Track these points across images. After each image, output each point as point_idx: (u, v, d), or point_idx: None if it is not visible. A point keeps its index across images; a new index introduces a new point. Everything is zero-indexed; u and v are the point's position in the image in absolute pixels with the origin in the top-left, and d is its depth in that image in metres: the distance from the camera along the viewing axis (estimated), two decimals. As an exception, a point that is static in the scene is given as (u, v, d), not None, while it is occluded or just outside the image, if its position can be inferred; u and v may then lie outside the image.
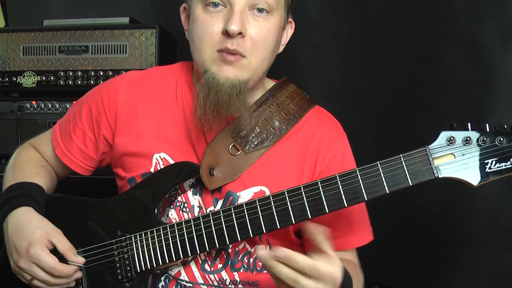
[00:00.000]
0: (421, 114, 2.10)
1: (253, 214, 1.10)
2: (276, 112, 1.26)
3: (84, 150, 1.33)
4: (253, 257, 1.25)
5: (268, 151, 1.24)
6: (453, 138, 1.04)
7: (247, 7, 1.14)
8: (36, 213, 1.23)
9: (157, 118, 1.28)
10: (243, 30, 1.11)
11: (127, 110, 1.29)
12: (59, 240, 1.19)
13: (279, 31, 1.20)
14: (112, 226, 1.23)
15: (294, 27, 1.31)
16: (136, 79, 1.34)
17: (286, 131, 1.25)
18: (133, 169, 1.27)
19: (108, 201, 1.27)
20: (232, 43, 1.12)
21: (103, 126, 1.31)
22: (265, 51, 1.17)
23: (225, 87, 1.12)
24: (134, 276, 1.19)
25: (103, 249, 1.22)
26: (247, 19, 1.13)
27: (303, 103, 1.31)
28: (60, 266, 1.17)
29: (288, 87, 1.32)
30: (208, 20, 1.14)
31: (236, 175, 1.21)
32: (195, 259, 1.24)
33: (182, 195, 1.25)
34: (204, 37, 1.15)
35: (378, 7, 2.14)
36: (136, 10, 2.40)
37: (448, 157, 1.04)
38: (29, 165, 1.36)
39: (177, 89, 1.30)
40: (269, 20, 1.16)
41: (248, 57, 1.14)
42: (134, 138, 1.27)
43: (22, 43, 2.03)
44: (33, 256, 1.15)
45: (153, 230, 1.18)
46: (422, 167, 1.04)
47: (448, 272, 2.06)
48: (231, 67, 1.13)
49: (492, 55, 1.97)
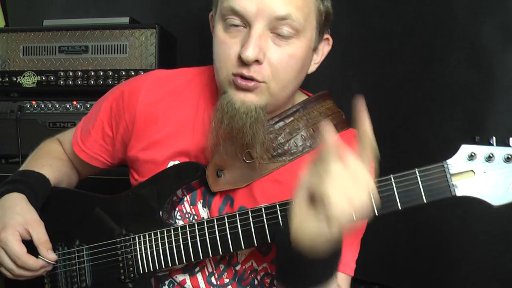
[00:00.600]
0: (421, 114, 2.10)
1: (259, 223, 1.07)
2: (304, 127, 1.16)
3: (103, 144, 1.31)
4: (260, 274, 1.22)
5: (285, 167, 1.15)
6: (474, 154, 0.94)
7: (268, 29, 1.02)
8: (26, 200, 1.20)
9: (177, 126, 1.21)
10: (260, 56, 1.01)
11: (147, 114, 1.23)
12: (37, 231, 1.16)
13: (306, 54, 1.08)
14: (117, 224, 1.22)
15: (332, 43, 1.19)
16: (160, 81, 1.26)
17: (310, 150, 1.16)
18: (147, 174, 1.23)
19: (114, 198, 1.25)
20: (248, 69, 1.02)
21: (121, 126, 1.27)
22: (287, 77, 1.06)
23: (239, 113, 1.04)
24: (137, 277, 1.18)
25: (107, 247, 1.21)
26: (266, 43, 1.02)
27: (336, 124, 1.18)
28: (25, 257, 1.13)
29: (324, 103, 1.21)
30: (227, 41, 1.05)
31: (245, 183, 1.15)
32: (202, 271, 1.21)
33: (191, 206, 1.22)
34: (222, 58, 1.06)
35: (378, 7, 2.14)
36: (136, 10, 2.40)
37: (468, 174, 0.95)
38: (46, 156, 1.34)
39: (200, 100, 1.23)
40: (293, 44, 1.04)
41: (267, 82, 1.05)
42: (151, 144, 1.23)
43: (22, 43, 2.03)
44: (2, 240, 1.12)
45: (157, 232, 1.16)
46: (439, 184, 0.95)
47: (448, 272, 2.06)
48: (248, 92, 1.05)
49: (492, 55, 1.97)
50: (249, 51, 0.99)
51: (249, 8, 1.00)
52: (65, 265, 1.24)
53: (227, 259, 1.21)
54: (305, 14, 1.03)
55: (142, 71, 1.94)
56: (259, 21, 1.00)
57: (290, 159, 1.15)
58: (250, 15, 1.00)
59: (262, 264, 1.21)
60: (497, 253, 1.97)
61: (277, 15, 1.00)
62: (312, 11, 1.06)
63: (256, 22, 1.00)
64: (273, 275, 1.23)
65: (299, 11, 1.02)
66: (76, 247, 1.24)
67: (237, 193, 1.17)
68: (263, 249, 1.20)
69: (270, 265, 1.21)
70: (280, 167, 1.16)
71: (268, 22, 1.01)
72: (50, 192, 1.28)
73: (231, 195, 1.18)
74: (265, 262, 1.21)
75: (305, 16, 1.03)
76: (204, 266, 1.22)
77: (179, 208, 1.23)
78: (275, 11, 1.00)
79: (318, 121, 1.18)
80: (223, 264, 1.21)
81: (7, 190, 1.20)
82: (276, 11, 1.00)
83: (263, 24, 1.01)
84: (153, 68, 1.94)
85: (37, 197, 1.23)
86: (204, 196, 1.20)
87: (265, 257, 1.20)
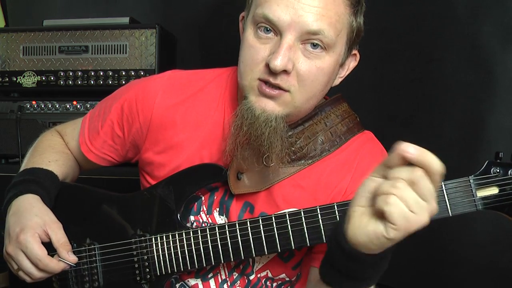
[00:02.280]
0: (421, 114, 2.10)
1: (282, 229, 1.05)
2: (322, 131, 1.16)
3: (112, 144, 1.28)
4: (277, 282, 1.21)
5: (304, 170, 1.14)
6: (499, 171, 0.96)
7: (299, 41, 1.01)
8: (41, 201, 1.17)
9: (195, 130, 1.19)
10: (288, 67, 1.00)
11: (164, 118, 1.19)
12: (55, 232, 1.13)
13: (333, 69, 1.07)
14: (130, 223, 1.18)
15: (359, 59, 1.18)
16: (178, 84, 1.22)
17: (328, 153, 1.15)
18: (162, 177, 1.20)
19: (127, 196, 1.22)
20: (275, 77, 1.01)
21: (134, 129, 1.23)
22: (312, 90, 1.05)
23: (259, 121, 1.02)
24: (153, 278, 1.15)
25: (121, 247, 1.17)
26: (296, 54, 1.01)
27: (352, 126, 1.19)
28: (47, 259, 1.09)
29: (340, 106, 1.21)
30: (256, 45, 1.03)
31: (264, 186, 1.14)
32: (215, 277, 1.20)
33: (208, 215, 1.19)
34: (248, 62, 1.05)
35: (378, 7, 2.14)
36: (136, 10, 2.40)
37: (492, 190, 0.96)
38: (50, 150, 1.31)
39: (219, 104, 1.20)
40: (322, 58, 1.03)
41: (292, 92, 1.03)
42: (168, 147, 1.20)
43: (22, 43, 2.03)
44: (21, 242, 1.09)
45: (175, 234, 1.13)
46: (464, 198, 0.96)
47: (448, 272, 2.06)
48: (270, 100, 1.04)
49: (492, 55, 1.97)
50: (278, 61, 0.98)
51: (283, 18, 0.99)
52: (75, 264, 1.18)
53: (241, 268, 1.19)
54: (337, 30, 1.02)
55: (142, 71, 1.94)
56: (291, 32, 0.99)
57: (309, 162, 1.14)
58: (283, 25, 0.99)
59: (280, 273, 1.19)
60: (497, 253, 1.97)
61: (309, 30, 0.99)
62: (345, 27, 1.05)
63: (288, 33, 0.99)
64: (291, 282, 1.23)
65: (331, 27, 1.01)
66: (87, 246, 1.20)
67: (257, 198, 1.15)
68: (285, 255, 1.18)
69: (291, 272, 1.20)
70: (300, 170, 1.14)
71: (300, 35, 1.00)
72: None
73: (251, 201, 1.16)
74: (285, 270, 1.19)
75: (337, 32, 1.02)
76: (218, 272, 1.20)
77: (195, 219, 1.20)
78: (308, 25, 0.99)
79: (335, 124, 1.17)
80: (236, 272, 1.19)
81: (20, 192, 1.17)
82: (309, 26, 0.99)
83: (294, 36, 1.00)
84: (153, 68, 1.94)
85: (50, 196, 1.20)
86: (221, 204, 1.18)
87: (286, 263, 1.18)
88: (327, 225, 1.03)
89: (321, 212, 1.04)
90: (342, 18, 1.03)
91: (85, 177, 1.41)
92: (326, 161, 1.15)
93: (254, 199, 1.16)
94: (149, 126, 1.21)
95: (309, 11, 0.99)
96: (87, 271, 1.20)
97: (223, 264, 1.18)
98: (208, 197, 1.19)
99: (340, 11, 1.03)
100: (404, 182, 0.75)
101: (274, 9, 1.00)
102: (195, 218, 1.20)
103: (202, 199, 1.19)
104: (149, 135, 1.21)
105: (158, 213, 1.17)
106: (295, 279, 1.22)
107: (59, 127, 1.40)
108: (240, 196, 1.16)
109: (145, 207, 1.18)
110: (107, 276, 1.18)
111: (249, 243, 1.07)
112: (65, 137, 1.37)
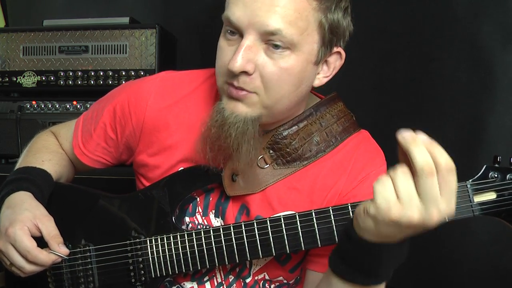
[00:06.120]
0: (421, 114, 2.10)
1: (277, 233, 1.05)
2: (318, 131, 1.14)
3: (105, 146, 1.27)
4: (275, 284, 1.20)
5: (299, 171, 1.13)
6: (497, 176, 0.95)
7: (260, 40, 0.99)
8: (33, 198, 1.16)
9: (188, 132, 1.17)
10: (247, 68, 0.98)
11: (156, 120, 1.19)
12: (46, 225, 1.11)
13: (302, 68, 1.03)
14: (125, 225, 1.18)
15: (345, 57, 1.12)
16: (170, 86, 1.22)
17: (324, 154, 1.14)
18: (156, 179, 1.20)
19: (122, 198, 1.21)
20: (237, 80, 1.00)
21: (127, 131, 1.23)
22: (281, 90, 1.02)
23: (227, 122, 1.02)
24: (148, 281, 1.15)
25: (116, 249, 1.17)
26: (257, 54, 0.99)
27: (348, 126, 1.17)
28: (36, 251, 1.07)
29: (336, 105, 1.19)
30: (224, 48, 1.03)
31: (259, 188, 1.13)
32: (211, 280, 1.19)
33: (203, 217, 1.18)
34: (219, 64, 1.05)
35: (378, 7, 2.14)
36: (136, 10, 2.40)
37: (489, 195, 0.95)
38: (44, 150, 1.31)
39: (208, 105, 1.19)
40: (286, 58, 1.00)
41: (259, 94, 1.02)
42: (161, 149, 1.19)
43: (22, 43, 2.03)
44: (10, 235, 1.07)
45: (170, 236, 1.13)
46: (460, 204, 0.95)
47: (448, 272, 2.06)
48: (239, 102, 1.03)
49: (492, 55, 1.97)
50: (234, 62, 0.98)
51: (242, 19, 0.98)
52: (70, 265, 1.19)
53: (237, 271, 1.19)
54: (300, 29, 0.99)
55: (142, 71, 1.94)
56: (250, 32, 0.98)
57: (304, 164, 1.13)
58: (241, 26, 0.99)
59: (277, 276, 1.19)
60: (497, 253, 1.97)
61: (266, 30, 0.97)
62: (311, 24, 1.00)
63: (248, 34, 0.98)
64: (290, 285, 1.22)
65: (292, 26, 0.97)
66: (82, 247, 1.20)
67: (252, 200, 1.15)
68: (282, 258, 1.17)
69: (288, 275, 1.19)
70: (295, 172, 1.13)
71: (259, 35, 0.98)
72: (53, 188, 1.24)
73: (246, 204, 1.15)
74: (282, 273, 1.19)
75: (300, 30, 0.99)
76: (214, 275, 1.19)
77: (190, 220, 1.19)
78: (265, 25, 0.97)
79: (330, 124, 1.15)
80: (232, 275, 1.19)
81: (12, 190, 1.17)
82: (266, 26, 0.97)
83: (254, 36, 0.98)
84: (153, 68, 1.94)
85: (43, 194, 1.19)
86: (217, 206, 1.17)
87: (283, 266, 1.18)
88: (322, 229, 1.03)
89: (316, 216, 1.03)
90: (305, 15, 0.99)
91: (85, 177, 1.41)
92: (321, 162, 1.14)
93: (249, 201, 1.15)
94: (142, 128, 1.20)
95: (266, 10, 0.97)
96: (82, 272, 1.19)
97: (219, 267, 1.17)
98: (204, 198, 1.19)
99: (301, 8, 0.98)
100: (407, 172, 0.78)
101: (234, 11, 0.99)
102: (190, 220, 1.19)
103: (197, 200, 1.19)
104: (142, 137, 1.21)
105: (153, 215, 1.16)
106: (293, 282, 1.22)
107: (53, 128, 1.41)
108: (236, 199, 1.16)
109: (140, 209, 1.18)
110: (102, 277, 1.18)
111: (243, 246, 1.07)
112: (60, 138, 1.37)
